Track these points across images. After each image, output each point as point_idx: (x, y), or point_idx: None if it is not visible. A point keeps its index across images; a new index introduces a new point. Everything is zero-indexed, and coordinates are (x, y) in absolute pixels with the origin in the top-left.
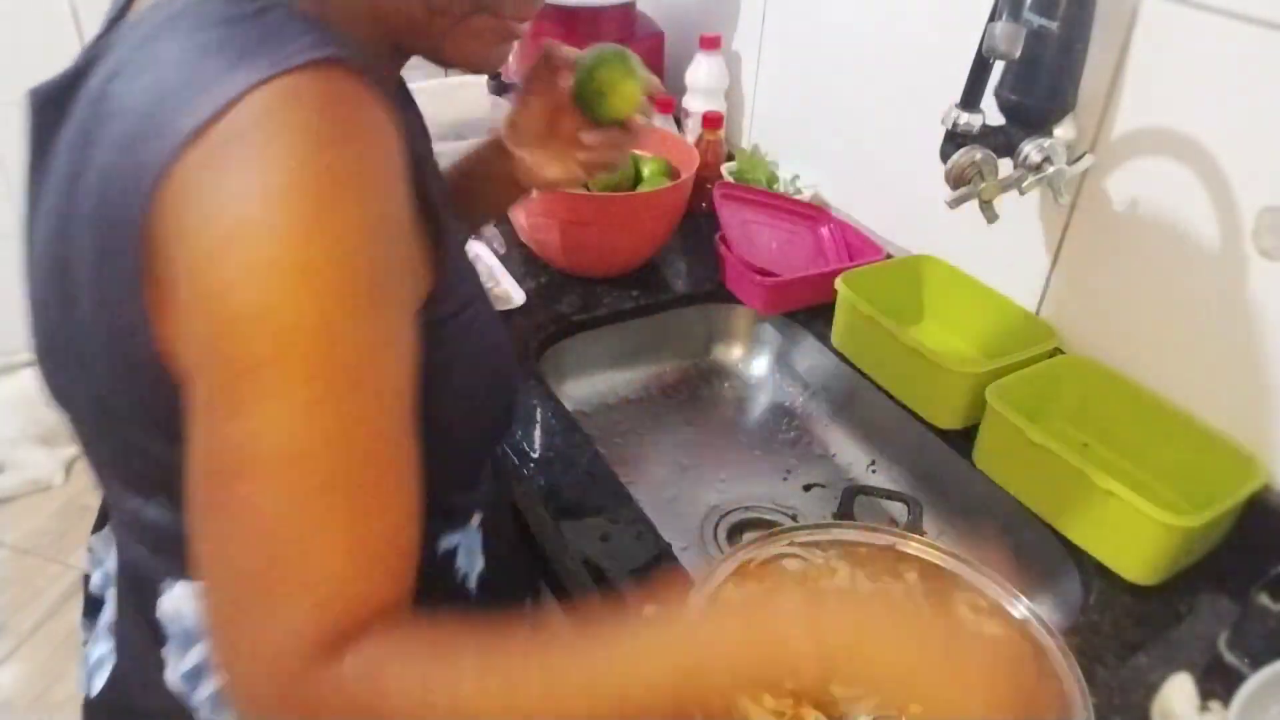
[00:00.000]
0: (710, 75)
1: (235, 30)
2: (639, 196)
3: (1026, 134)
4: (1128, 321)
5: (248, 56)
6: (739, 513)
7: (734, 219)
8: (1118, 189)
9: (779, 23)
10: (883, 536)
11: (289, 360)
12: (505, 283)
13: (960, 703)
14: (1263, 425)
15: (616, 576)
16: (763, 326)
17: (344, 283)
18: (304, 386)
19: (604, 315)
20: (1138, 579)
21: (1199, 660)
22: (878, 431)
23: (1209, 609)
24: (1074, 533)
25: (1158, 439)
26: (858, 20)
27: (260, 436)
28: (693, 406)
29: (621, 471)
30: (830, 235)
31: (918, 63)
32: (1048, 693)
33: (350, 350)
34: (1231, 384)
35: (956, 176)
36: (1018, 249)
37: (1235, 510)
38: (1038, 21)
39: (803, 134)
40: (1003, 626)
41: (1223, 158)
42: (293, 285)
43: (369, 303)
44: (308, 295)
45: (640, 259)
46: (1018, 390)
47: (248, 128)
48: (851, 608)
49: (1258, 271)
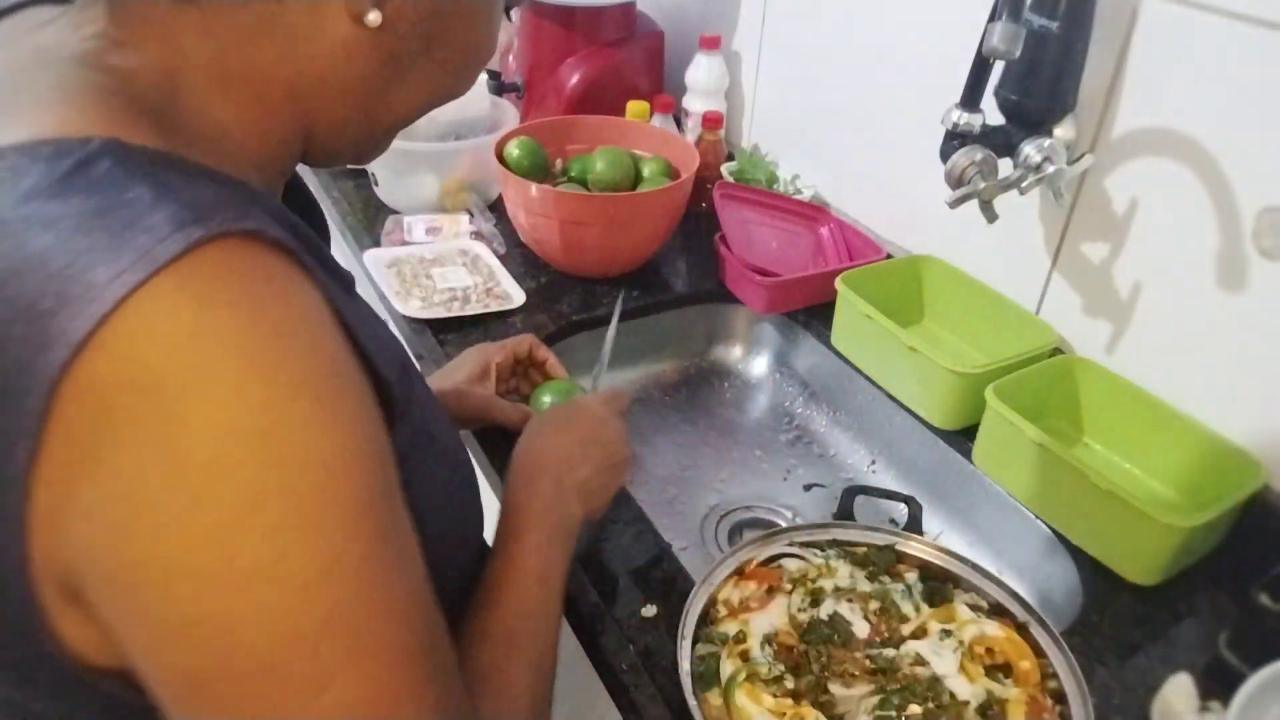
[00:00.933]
0: (710, 75)
1: (57, 205)
2: (639, 196)
3: (1026, 134)
4: (1128, 321)
5: (97, 252)
6: (739, 513)
7: (734, 219)
8: (1118, 189)
9: (779, 23)
10: (883, 536)
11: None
12: (505, 283)
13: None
14: (1263, 425)
15: (616, 576)
16: (763, 326)
17: (365, 498)
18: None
19: (604, 315)
20: (1138, 579)
21: (1199, 660)
22: (878, 431)
23: (1209, 609)
24: (1074, 533)
25: (1158, 439)
26: (858, 20)
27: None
28: (693, 406)
29: None
30: (830, 235)
31: (918, 63)
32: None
33: (383, 593)
34: (1231, 384)
35: (956, 176)
36: (1018, 249)
37: (1235, 510)
38: (1038, 21)
39: (803, 134)
40: (1001, 626)
41: (1223, 158)
42: (310, 520)
43: (389, 504)
44: (337, 526)
45: (640, 259)
46: (1018, 390)
47: (160, 365)
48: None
49: (1258, 271)
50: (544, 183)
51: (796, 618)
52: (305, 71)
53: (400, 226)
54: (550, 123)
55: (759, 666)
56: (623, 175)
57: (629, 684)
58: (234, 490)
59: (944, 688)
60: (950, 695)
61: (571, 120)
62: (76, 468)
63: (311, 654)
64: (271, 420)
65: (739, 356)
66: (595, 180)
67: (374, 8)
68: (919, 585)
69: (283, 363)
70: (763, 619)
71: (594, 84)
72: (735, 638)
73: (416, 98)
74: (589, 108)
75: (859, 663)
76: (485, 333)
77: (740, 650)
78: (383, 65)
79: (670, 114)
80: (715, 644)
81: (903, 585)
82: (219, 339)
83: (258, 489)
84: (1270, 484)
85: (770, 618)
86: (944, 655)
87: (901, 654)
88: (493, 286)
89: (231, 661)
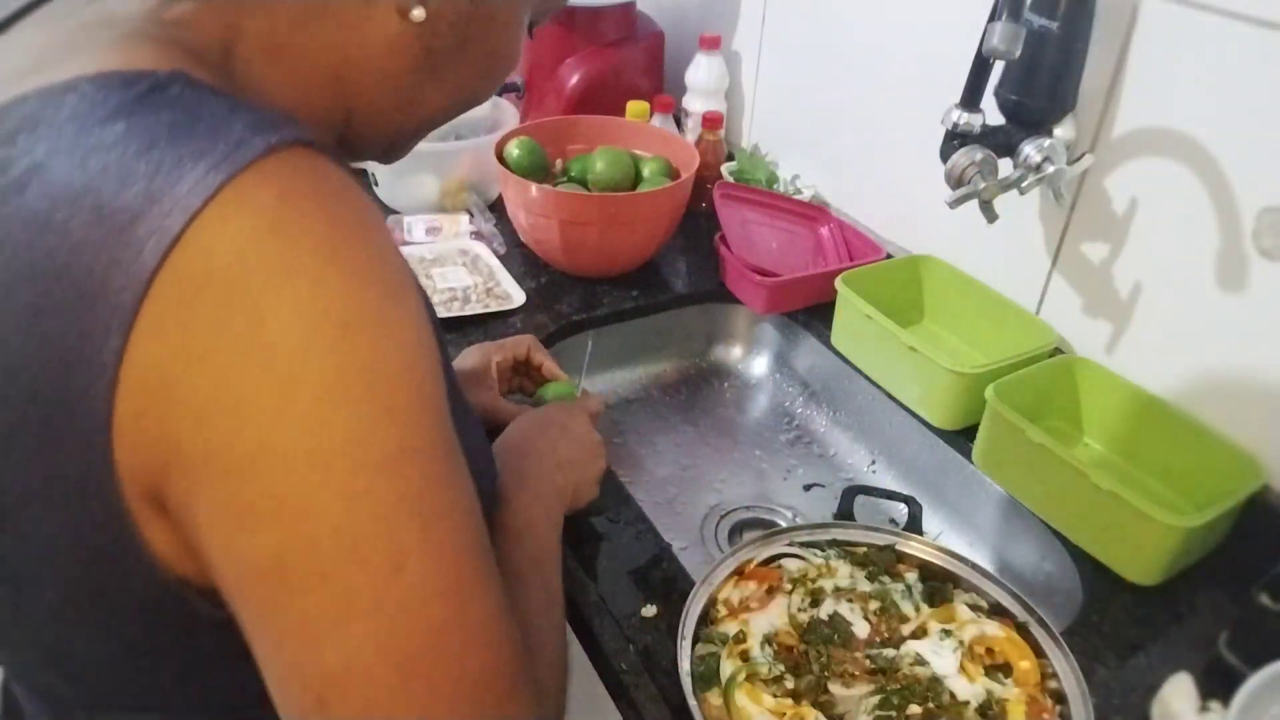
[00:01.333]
0: (710, 75)
1: (140, 120)
2: (639, 196)
3: (1026, 134)
4: (1128, 321)
5: (181, 153)
6: (739, 513)
7: (734, 219)
8: (1118, 189)
9: (779, 23)
10: (883, 536)
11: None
12: (505, 283)
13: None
14: (1263, 425)
15: (616, 576)
16: (763, 326)
17: (433, 391)
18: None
19: (604, 315)
20: (1138, 579)
21: (1199, 660)
22: (878, 431)
23: (1209, 609)
24: (1074, 533)
25: (1158, 439)
26: (858, 20)
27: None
28: (693, 406)
29: (621, 471)
30: (830, 235)
31: (918, 63)
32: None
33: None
34: (1231, 384)
35: (956, 177)
36: (1018, 249)
37: (1235, 510)
38: (1038, 21)
39: (803, 134)
40: (1001, 626)
41: (1223, 158)
42: (391, 405)
43: (446, 427)
44: (406, 413)
45: (640, 259)
46: (1018, 390)
47: (245, 256)
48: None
49: (1258, 271)
50: (544, 183)
51: (796, 618)
52: (350, 59)
53: (400, 226)
54: (550, 123)
55: (759, 666)
56: (623, 175)
57: (629, 684)
58: (319, 375)
59: (944, 688)
60: (950, 695)
61: (571, 120)
62: (165, 360)
63: (389, 533)
64: (352, 310)
65: (739, 356)
66: (595, 180)
67: (419, 4)
68: (919, 585)
69: (359, 257)
70: (763, 619)
71: (594, 84)
72: (735, 638)
73: (447, 97)
74: (589, 108)
75: (859, 663)
76: (485, 333)
77: (740, 650)
78: (421, 60)
79: (670, 114)
80: (715, 644)
81: (903, 585)
82: (301, 233)
83: (341, 374)
84: (1270, 484)
85: (770, 618)
86: (944, 655)
87: (901, 654)
88: (493, 286)
89: (313, 541)
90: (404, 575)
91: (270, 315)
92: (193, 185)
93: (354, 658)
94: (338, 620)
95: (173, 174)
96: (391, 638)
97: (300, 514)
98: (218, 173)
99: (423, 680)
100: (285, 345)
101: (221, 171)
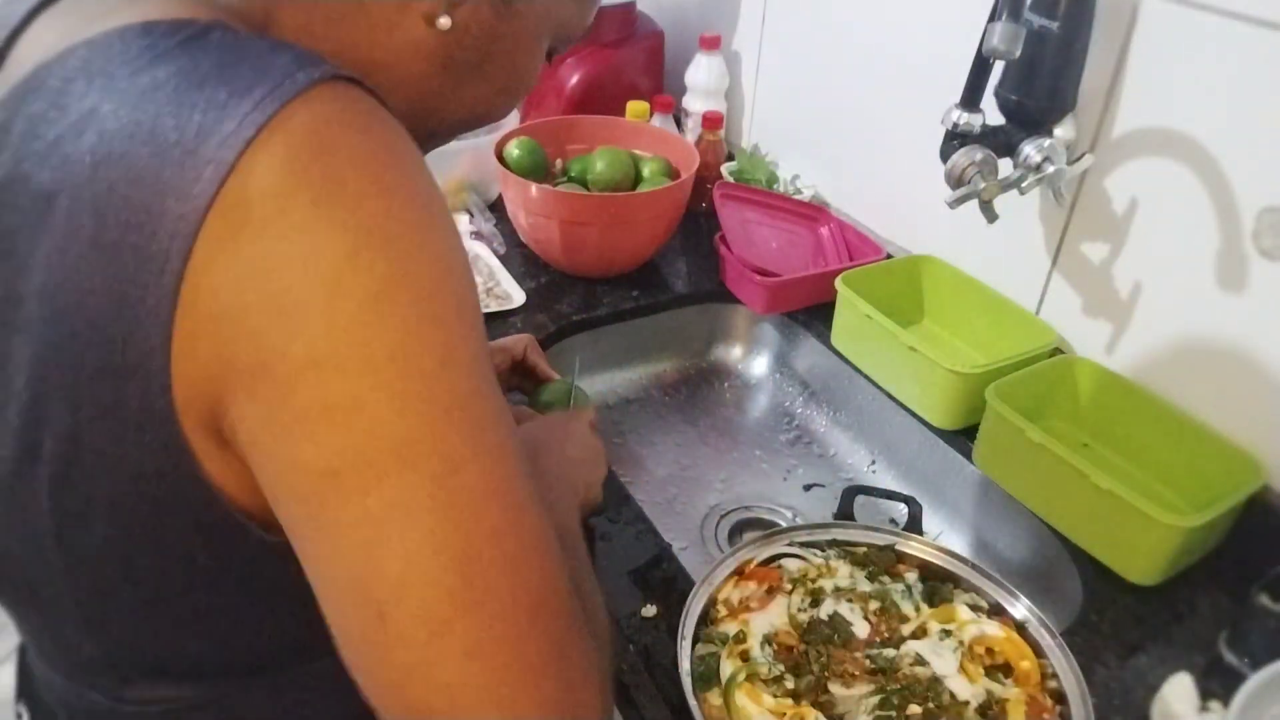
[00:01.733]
0: (710, 75)
1: (186, 61)
2: (639, 196)
3: (1026, 134)
4: (1128, 321)
5: (231, 88)
6: (739, 513)
7: (734, 219)
8: (1118, 189)
9: (779, 23)
10: (883, 536)
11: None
12: (505, 283)
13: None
14: (1263, 425)
15: (616, 576)
16: (763, 326)
17: (474, 317)
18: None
19: (604, 315)
20: (1138, 579)
21: (1199, 660)
22: (878, 432)
23: (1209, 609)
24: (1074, 533)
25: (1158, 439)
26: (858, 20)
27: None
28: (693, 406)
29: (621, 471)
30: (830, 235)
31: (918, 63)
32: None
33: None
34: (1231, 384)
35: (956, 177)
36: (1018, 249)
37: (1235, 510)
38: (1038, 21)
39: (803, 134)
40: (1000, 626)
41: (1223, 158)
42: (456, 327)
43: (483, 339)
44: (462, 333)
45: (640, 259)
46: (1018, 390)
47: (281, 181)
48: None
49: (1258, 271)
50: (544, 183)
51: (796, 618)
52: (376, 59)
53: None
54: (550, 123)
55: (759, 666)
56: (623, 175)
57: (629, 684)
58: (365, 283)
59: (944, 688)
60: (950, 695)
61: (571, 120)
62: (219, 283)
63: (441, 437)
64: (395, 224)
65: (739, 356)
66: (595, 180)
67: (446, 14)
68: (919, 585)
69: (398, 177)
70: (763, 619)
71: (594, 84)
72: (735, 638)
73: (464, 109)
74: (589, 108)
75: (859, 663)
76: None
77: (740, 650)
78: (442, 68)
79: (670, 114)
80: (715, 644)
81: (903, 585)
82: (343, 155)
83: (386, 282)
84: (1270, 484)
85: (770, 618)
86: (944, 655)
87: (901, 654)
88: (493, 286)
89: (366, 446)
90: (458, 477)
91: (316, 230)
92: (243, 117)
93: (412, 562)
94: (395, 524)
95: (226, 108)
96: (450, 539)
97: (352, 418)
98: (268, 104)
99: (481, 586)
100: (331, 257)
101: (271, 104)
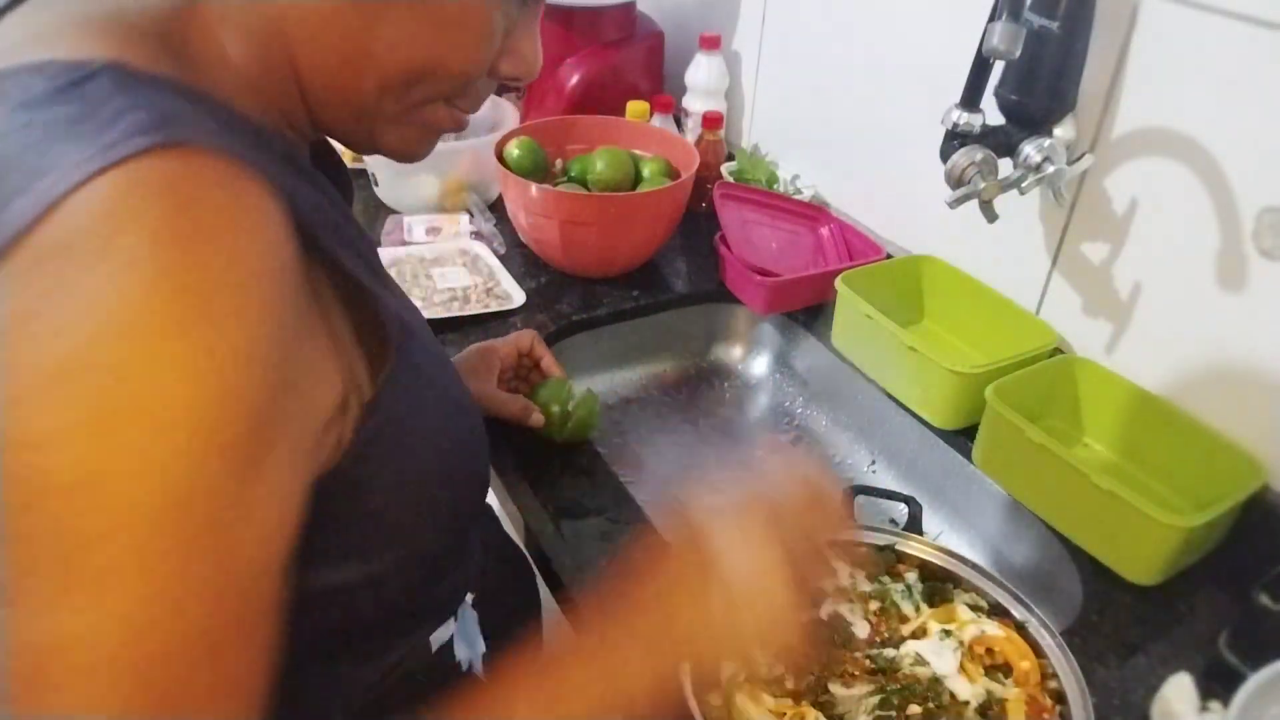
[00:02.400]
0: (710, 75)
1: (46, 112)
2: (639, 196)
3: (1026, 134)
4: (1128, 321)
5: (61, 145)
6: None
7: (734, 219)
8: (1118, 189)
9: (779, 23)
10: (883, 536)
11: (131, 540)
12: (505, 283)
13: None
14: (1263, 425)
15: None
16: (763, 326)
17: (210, 432)
18: (144, 576)
19: (604, 315)
20: (1138, 579)
21: (1199, 660)
22: (878, 432)
23: (1209, 609)
24: (1074, 533)
25: (1158, 439)
26: (858, 20)
27: (85, 638)
28: (693, 406)
29: (621, 471)
30: (830, 235)
31: (918, 62)
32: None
33: (212, 522)
34: (1231, 384)
35: (956, 177)
36: (1018, 249)
37: (1235, 510)
38: (1038, 21)
39: (803, 134)
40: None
41: (1223, 158)
42: (140, 442)
43: (246, 452)
44: (161, 454)
45: (640, 259)
46: (1018, 390)
47: (74, 238)
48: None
49: (1258, 271)
50: (544, 183)
51: None
52: (289, 15)
53: (400, 227)
54: (550, 123)
55: (759, 666)
56: (623, 175)
57: None
58: (93, 388)
59: (944, 688)
60: (950, 695)
61: (571, 120)
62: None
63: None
64: (149, 316)
65: (739, 356)
66: (595, 180)
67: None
68: (919, 585)
69: (186, 259)
70: None
71: (594, 84)
72: None
73: (400, 51)
74: (589, 108)
75: (859, 663)
76: (485, 333)
77: None
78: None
79: (670, 114)
80: None
81: (903, 585)
82: (131, 223)
83: (107, 395)
84: (1270, 484)
85: None
86: (944, 655)
87: (901, 654)
88: (493, 286)
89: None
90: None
91: (71, 296)
92: (65, 172)
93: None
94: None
95: (53, 165)
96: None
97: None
98: (89, 164)
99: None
100: (72, 335)
101: (93, 163)
